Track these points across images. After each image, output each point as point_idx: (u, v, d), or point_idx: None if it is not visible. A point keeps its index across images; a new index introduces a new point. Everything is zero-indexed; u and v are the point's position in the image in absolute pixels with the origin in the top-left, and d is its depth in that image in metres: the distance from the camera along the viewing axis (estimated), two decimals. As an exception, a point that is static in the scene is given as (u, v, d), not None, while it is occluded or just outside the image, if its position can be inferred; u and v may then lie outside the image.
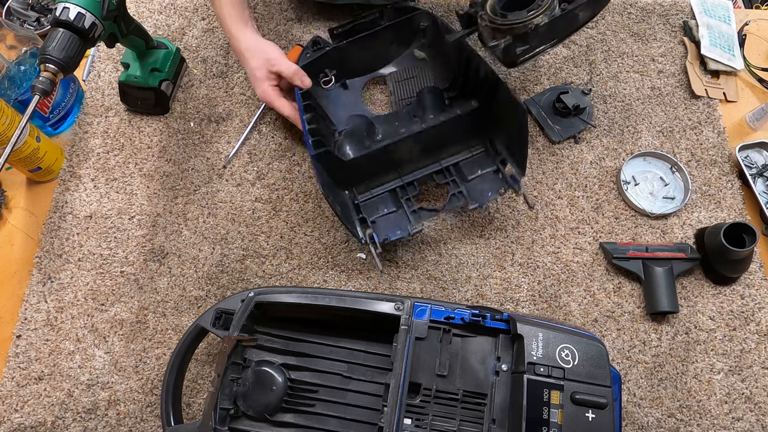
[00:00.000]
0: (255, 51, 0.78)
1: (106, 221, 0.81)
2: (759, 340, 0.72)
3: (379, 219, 0.76)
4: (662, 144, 0.85)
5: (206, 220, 0.80)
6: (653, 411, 0.69)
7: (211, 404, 0.58)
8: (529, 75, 0.91)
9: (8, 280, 0.78)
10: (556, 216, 0.80)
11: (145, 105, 0.87)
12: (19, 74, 0.81)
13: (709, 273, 0.76)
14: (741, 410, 0.69)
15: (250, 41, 0.78)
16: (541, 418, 0.52)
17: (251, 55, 0.78)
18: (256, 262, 0.78)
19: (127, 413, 0.70)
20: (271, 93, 0.78)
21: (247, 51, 0.78)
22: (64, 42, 0.65)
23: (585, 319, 0.74)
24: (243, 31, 0.78)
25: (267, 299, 0.63)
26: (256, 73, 0.78)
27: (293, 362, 0.64)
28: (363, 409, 0.62)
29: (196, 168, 0.84)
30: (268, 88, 0.78)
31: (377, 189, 0.78)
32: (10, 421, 0.69)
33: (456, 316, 0.60)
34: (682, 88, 0.90)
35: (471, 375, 0.58)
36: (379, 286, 0.76)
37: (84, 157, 0.85)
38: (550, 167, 0.83)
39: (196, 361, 0.71)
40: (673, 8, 0.96)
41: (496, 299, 0.75)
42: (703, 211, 0.80)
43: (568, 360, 0.55)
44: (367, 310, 0.61)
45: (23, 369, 0.72)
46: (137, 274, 0.77)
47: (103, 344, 0.73)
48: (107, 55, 0.94)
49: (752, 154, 0.85)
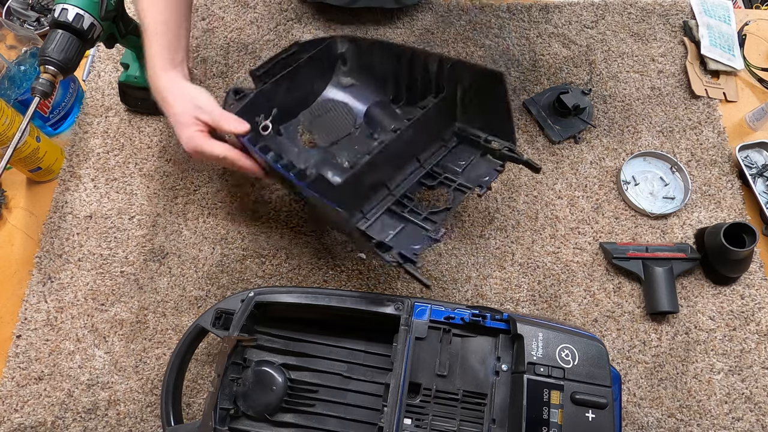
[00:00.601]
0: (179, 95, 0.67)
1: (106, 221, 0.81)
2: (759, 340, 0.72)
3: (392, 240, 0.67)
4: (662, 144, 0.85)
5: (206, 220, 0.80)
6: (653, 411, 0.69)
7: (211, 404, 0.58)
8: (529, 75, 0.91)
9: (8, 280, 0.78)
10: (556, 216, 0.80)
11: (145, 105, 0.87)
12: (19, 74, 0.81)
13: (709, 273, 0.76)
14: (741, 410, 0.69)
15: (173, 84, 0.67)
16: (541, 418, 0.52)
17: (174, 98, 0.66)
18: (256, 262, 0.78)
19: (127, 413, 0.70)
20: (198, 136, 0.65)
21: (170, 94, 0.67)
22: (63, 43, 0.65)
23: (585, 319, 0.74)
24: (169, 73, 0.68)
25: (267, 299, 0.63)
26: (181, 119, 0.66)
27: (293, 362, 0.64)
28: (363, 409, 0.62)
29: (196, 168, 0.84)
30: (194, 133, 0.65)
31: (373, 212, 0.70)
32: (10, 421, 0.69)
33: (456, 316, 0.60)
34: (682, 88, 0.90)
35: (471, 375, 0.58)
36: (379, 286, 0.76)
37: (84, 157, 0.85)
38: (550, 167, 0.83)
39: (196, 361, 0.71)
40: (673, 8, 0.96)
41: (496, 299, 0.75)
42: (703, 211, 0.80)
43: (568, 360, 0.55)
44: (367, 310, 0.61)
45: (23, 369, 0.72)
46: (137, 274, 0.77)
47: (103, 344, 0.73)
48: (107, 55, 0.94)
49: (752, 154, 0.85)
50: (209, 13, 0.97)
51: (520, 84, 0.90)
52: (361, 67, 0.81)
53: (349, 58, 0.81)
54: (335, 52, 0.80)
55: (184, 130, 0.66)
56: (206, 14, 0.97)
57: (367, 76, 0.81)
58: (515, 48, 0.93)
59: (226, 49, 0.94)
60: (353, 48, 0.80)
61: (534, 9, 0.96)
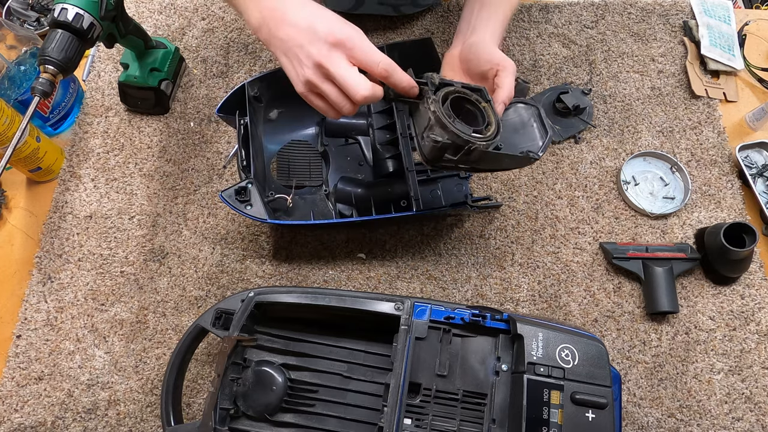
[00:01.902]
0: (303, 17, 0.52)
1: (106, 221, 0.81)
2: (759, 340, 0.72)
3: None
4: (662, 144, 0.85)
5: (206, 220, 0.80)
6: (653, 411, 0.69)
7: (211, 404, 0.58)
8: (529, 75, 0.91)
9: (8, 280, 0.78)
10: (556, 216, 0.80)
11: (145, 105, 0.87)
12: (19, 74, 0.81)
13: (709, 273, 0.75)
14: (741, 410, 0.69)
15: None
16: (541, 418, 0.52)
17: (303, 16, 0.51)
18: (256, 262, 0.78)
19: (127, 413, 0.70)
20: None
21: (295, 13, 0.52)
22: (63, 43, 0.65)
23: (585, 319, 0.74)
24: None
25: (267, 299, 0.63)
26: (312, 50, 0.51)
27: (293, 362, 0.64)
28: (363, 409, 0.62)
29: (196, 168, 0.84)
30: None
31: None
32: (10, 421, 0.69)
33: (456, 316, 0.60)
34: (682, 88, 0.90)
35: (471, 375, 0.58)
36: (379, 286, 0.76)
37: (84, 157, 0.85)
38: (550, 167, 0.83)
39: (196, 361, 0.71)
40: (673, 8, 0.96)
41: (496, 299, 0.75)
42: (703, 211, 0.80)
43: (568, 360, 0.55)
44: (367, 310, 0.61)
45: (23, 369, 0.72)
46: (137, 274, 0.77)
47: (103, 344, 0.73)
48: (107, 55, 0.94)
49: (752, 154, 0.85)
50: (209, 13, 0.97)
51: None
52: (275, 97, 0.80)
53: (263, 96, 0.79)
54: (250, 96, 0.77)
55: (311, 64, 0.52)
56: (206, 14, 0.97)
57: (288, 112, 0.82)
58: (515, 48, 0.93)
59: (226, 49, 0.94)
60: (263, 84, 0.78)
61: (534, 9, 0.96)
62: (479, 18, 0.69)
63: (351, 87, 0.51)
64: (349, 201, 0.76)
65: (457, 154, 0.55)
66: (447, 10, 0.97)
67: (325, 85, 0.53)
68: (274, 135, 0.82)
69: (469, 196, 0.75)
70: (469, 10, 0.71)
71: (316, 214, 0.76)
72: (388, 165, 0.75)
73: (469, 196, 0.75)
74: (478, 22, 0.69)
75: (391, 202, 0.74)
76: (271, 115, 0.81)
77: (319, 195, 0.79)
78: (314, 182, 0.80)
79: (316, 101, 0.55)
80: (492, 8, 0.70)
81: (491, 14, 0.69)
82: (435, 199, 0.74)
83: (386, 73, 0.52)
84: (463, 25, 0.71)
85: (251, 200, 0.68)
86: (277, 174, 0.80)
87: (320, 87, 0.53)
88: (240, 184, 0.68)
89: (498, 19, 0.69)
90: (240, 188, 0.68)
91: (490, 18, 0.69)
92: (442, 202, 0.74)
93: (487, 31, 0.68)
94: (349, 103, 0.53)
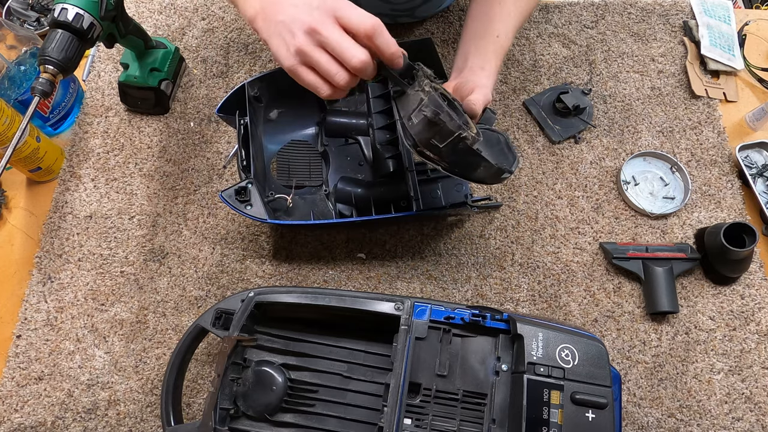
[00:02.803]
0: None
1: (106, 221, 0.81)
2: (759, 340, 0.72)
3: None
4: (662, 144, 0.85)
5: (206, 220, 0.80)
6: (653, 411, 0.69)
7: (211, 404, 0.58)
8: (529, 75, 0.91)
9: (8, 280, 0.78)
10: (556, 216, 0.80)
11: (145, 105, 0.87)
12: (19, 74, 0.81)
13: (709, 273, 0.76)
14: (741, 410, 0.69)
15: None
16: (541, 418, 0.52)
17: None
18: (256, 262, 0.78)
19: (127, 413, 0.70)
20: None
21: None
22: (63, 43, 0.65)
23: (585, 319, 0.74)
24: None
25: (267, 299, 0.63)
26: (305, 18, 0.49)
27: (293, 362, 0.64)
28: (363, 409, 0.62)
29: (196, 168, 0.84)
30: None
31: None
32: (10, 421, 0.69)
33: (456, 316, 0.60)
34: (682, 88, 0.90)
35: (471, 375, 0.58)
36: (379, 286, 0.76)
37: (84, 157, 0.85)
38: (550, 167, 0.83)
39: (196, 361, 0.71)
40: (673, 8, 0.96)
41: (496, 299, 0.75)
42: (703, 211, 0.80)
43: (568, 360, 0.55)
44: (367, 310, 0.61)
45: (23, 369, 0.72)
46: (137, 274, 0.77)
47: (103, 344, 0.73)
48: (107, 55, 0.94)
49: (752, 154, 0.85)
50: (209, 13, 0.97)
51: (520, 84, 0.90)
52: (275, 97, 0.80)
53: (262, 97, 0.79)
54: (250, 96, 0.77)
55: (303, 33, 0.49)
56: (206, 14, 0.97)
57: (291, 112, 0.82)
58: (515, 48, 0.93)
59: (226, 49, 0.94)
60: (263, 84, 0.78)
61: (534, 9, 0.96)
62: (476, 53, 0.68)
63: (345, 51, 0.48)
64: (349, 201, 0.76)
65: (444, 142, 0.54)
66: (447, 9, 0.97)
67: (317, 52, 0.49)
68: (274, 135, 0.82)
69: (469, 196, 0.75)
70: (465, 47, 0.70)
71: (316, 214, 0.76)
72: (388, 165, 0.75)
73: (469, 196, 0.75)
74: (475, 58, 0.68)
75: (391, 202, 0.74)
76: (271, 115, 0.81)
77: (319, 195, 0.79)
78: (314, 182, 0.80)
79: (307, 76, 0.51)
80: (488, 44, 0.69)
81: (487, 50, 0.68)
82: (435, 199, 0.74)
83: (374, 31, 0.49)
84: (459, 60, 0.69)
85: (251, 200, 0.68)
86: (277, 174, 0.80)
87: (312, 56, 0.49)
88: (240, 184, 0.68)
89: (492, 56, 0.68)
90: (240, 188, 0.68)
91: (487, 54, 0.68)
92: (442, 202, 0.74)
93: (483, 73, 0.66)
94: (343, 72, 0.50)
